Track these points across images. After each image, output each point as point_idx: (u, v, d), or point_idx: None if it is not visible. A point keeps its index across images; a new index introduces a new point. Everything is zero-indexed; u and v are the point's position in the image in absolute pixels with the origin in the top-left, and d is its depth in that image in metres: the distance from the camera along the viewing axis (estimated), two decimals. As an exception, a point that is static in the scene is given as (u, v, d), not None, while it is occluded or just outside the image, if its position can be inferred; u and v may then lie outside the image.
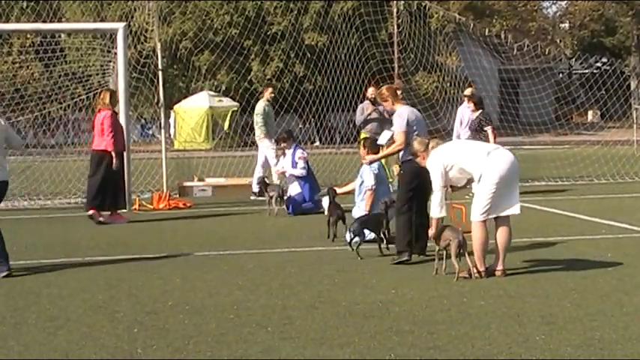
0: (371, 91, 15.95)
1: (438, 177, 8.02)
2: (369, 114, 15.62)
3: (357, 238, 9.12)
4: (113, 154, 12.42)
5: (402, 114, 8.99)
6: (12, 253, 9.76)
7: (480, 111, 13.64)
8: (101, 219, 12.55)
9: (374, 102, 15.64)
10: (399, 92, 9.65)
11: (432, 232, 8.10)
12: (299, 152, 13.19)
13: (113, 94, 12.95)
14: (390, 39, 25.42)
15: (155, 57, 16.45)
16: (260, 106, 15.92)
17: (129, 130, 13.91)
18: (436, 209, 8.02)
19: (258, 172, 15.68)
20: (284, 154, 13.59)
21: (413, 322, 6.27)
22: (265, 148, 15.74)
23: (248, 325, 6.25)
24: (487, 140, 12.64)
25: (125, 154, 13.20)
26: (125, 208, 13.31)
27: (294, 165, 13.23)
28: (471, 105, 13.78)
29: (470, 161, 8.01)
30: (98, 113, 12.68)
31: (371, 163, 10.12)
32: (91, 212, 12.60)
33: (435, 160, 8.10)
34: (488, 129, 13.36)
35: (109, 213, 12.69)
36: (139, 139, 35.82)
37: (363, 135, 15.31)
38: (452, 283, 7.65)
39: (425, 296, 7.14)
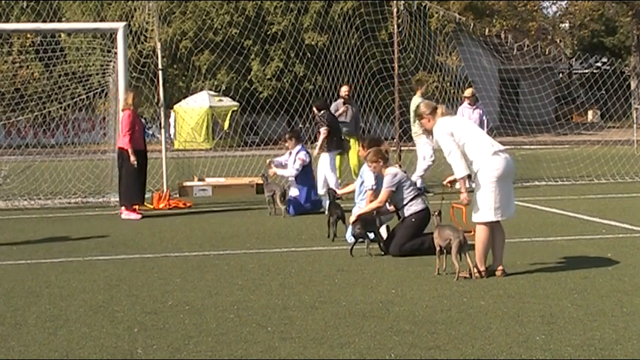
0: (344, 90, 16.28)
1: (447, 141, 7.76)
2: (340, 113, 15.94)
3: (351, 238, 9.20)
4: (130, 151, 12.92)
5: (396, 173, 9.25)
6: (12, 253, 9.81)
7: (322, 111, 14.85)
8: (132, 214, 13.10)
9: (347, 101, 16.15)
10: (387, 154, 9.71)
11: (464, 197, 7.85)
12: (302, 154, 13.20)
13: (137, 95, 13.44)
14: (390, 39, 25.43)
15: (155, 57, 16.45)
16: (415, 102, 15.81)
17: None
18: (459, 167, 7.73)
19: (422, 167, 15.68)
20: (290, 152, 13.58)
21: (413, 322, 6.27)
22: (422, 144, 15.59)
23: (248, 325, 6.25)
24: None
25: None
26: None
27: (294, 162, 13.26)
28: (314, 109, 15.06)
29: (476, 148, 7.80)
30: (122, 112, 13.29)
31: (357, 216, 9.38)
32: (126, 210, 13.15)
33: (443, 128, 7.85)
34: (323, 130, 14.60)
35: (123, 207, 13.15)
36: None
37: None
38: (452, 283, 7.64)
39: (425, 296, 7.14)
